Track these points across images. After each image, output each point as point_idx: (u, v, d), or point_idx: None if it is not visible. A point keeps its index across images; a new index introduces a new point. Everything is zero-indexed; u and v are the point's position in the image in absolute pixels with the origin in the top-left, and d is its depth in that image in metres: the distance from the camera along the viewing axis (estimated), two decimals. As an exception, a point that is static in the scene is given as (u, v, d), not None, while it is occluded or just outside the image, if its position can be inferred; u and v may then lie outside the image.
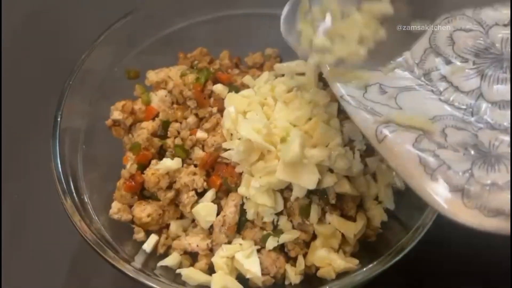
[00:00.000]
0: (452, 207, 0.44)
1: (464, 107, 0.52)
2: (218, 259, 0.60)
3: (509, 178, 0.44)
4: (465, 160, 0.46)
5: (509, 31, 0.55)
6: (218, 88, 0.67)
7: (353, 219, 0.63)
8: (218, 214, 0.62)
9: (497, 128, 0.49)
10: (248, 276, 0.59)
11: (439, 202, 0.44)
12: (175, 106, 0.70)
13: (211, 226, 0.63)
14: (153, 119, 0.69)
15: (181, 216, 0.66)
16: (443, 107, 0.52)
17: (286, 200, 0.62)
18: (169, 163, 0.63)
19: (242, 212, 0.62)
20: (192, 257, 0.64)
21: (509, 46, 0.54)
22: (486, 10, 0.57)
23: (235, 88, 0.68)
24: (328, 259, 0.60)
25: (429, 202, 0.45)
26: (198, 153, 0.65)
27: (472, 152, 0.47)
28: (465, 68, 0.54)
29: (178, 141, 0.66)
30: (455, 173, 0.45)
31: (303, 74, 0.69)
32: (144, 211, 0.63)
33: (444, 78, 0.54)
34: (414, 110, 0.51)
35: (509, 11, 0.55)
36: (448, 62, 0.55)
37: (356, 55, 0.47)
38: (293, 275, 0.60)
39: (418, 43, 0.51)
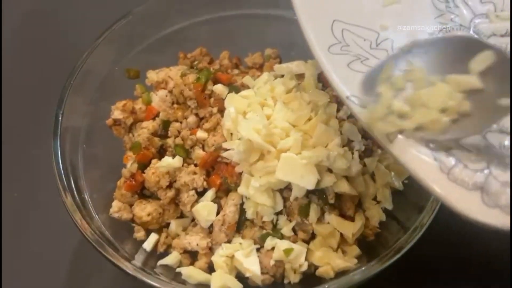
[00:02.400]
0: (471, 207, 0.42)
1: None
2: (218, 258, 0.60)
3: None
4: (480, 159, 0.45)
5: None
6: (218, 88, 0.68)
7: (351, 218, 0.63)
8: (218, 213, 0.63)
9: (505, 131, 0.48)
10: (247, 275, 0.59)
11: (457, 202, 0.42)
12: (175, 106, 0.70)
13: (211, 225, 0.63)
14: (154, 118, 0.70)
15: (181, 215, 0.66)
16: None
17: (285, 199, 0.62)
18: (170, 161, 0.63)
19: (242, 211, 0.62)
20: (192, 256, 0.64)
21: None
22: (482, 21, 0.57)
23: (235, 88, 0.69)
24: (327, 258, 0.60)
25: (446, 202, 0.43)
26: (198, 152, 0.65)
27: (485, 152, 0.46)
28: None
29: (178, 140, 0.67)
30: (472, 172, 0.44)
31: (302, 75, 0.70)
32: (144, 210, 0.64)
33: None
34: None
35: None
36: None
37: (438, 123, 0.45)
38: (292, 274, 0.61)
39: None
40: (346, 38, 0.53)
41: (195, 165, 0.65)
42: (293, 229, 0.62)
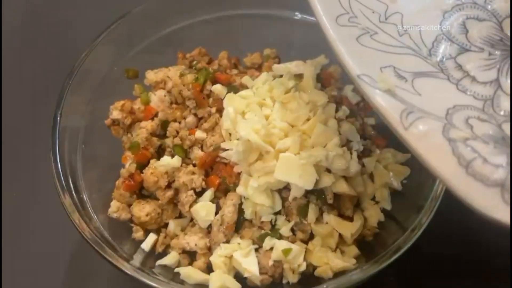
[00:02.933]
0: (490, 204, 0.39)
1: (483, 98, 0.48)
2: (217, 258, 0.60)
3: None
4: (498, 153, 0.42)
5: None
6: (217, 88, 0.68)
7: (350, 219, 0.64)
8: (216, 213, 0.63)
9: None
10: (246, 275, 0.59)
11: (475, 198, 0.40)
12: (174, 106, 0.70)
13: (210, 225, 0.63)
14: (152, 118, 0.70)
15: (180, 215, 0.66)
16: (462, 97, 0.48)
17: (284, 199, 0.62)
18: (169, 160, 0.64)
19: (241, 211, 0.62)
20: (190, 256, 0.64)
21: None
22: (497, 1, 0.53)
23: (234, 88, 0.69)
24: (326, 259, 0.60)
25: (462, 197, 0.40)
26: (197, 152, 0.65)
27: (502, 144, 0.43)
28: (481, 58, 0.50)
29: (177, 140, 0.67)
30: (492, 167, 0.41)
31: (301, 75, 0.70)
32: (143, 210, 0.64)
33: (459, 66, 0.50)
34: (433, 97, 0.46)
35: None
36: (462, 51, 0.51)
37: None
38: (291, 274, 0.60)
39: (428, 29, 0.49)
40: (353, 9, 0.50)
41: (194, 165, 0.65)
42: (292, 229, 0.62)
